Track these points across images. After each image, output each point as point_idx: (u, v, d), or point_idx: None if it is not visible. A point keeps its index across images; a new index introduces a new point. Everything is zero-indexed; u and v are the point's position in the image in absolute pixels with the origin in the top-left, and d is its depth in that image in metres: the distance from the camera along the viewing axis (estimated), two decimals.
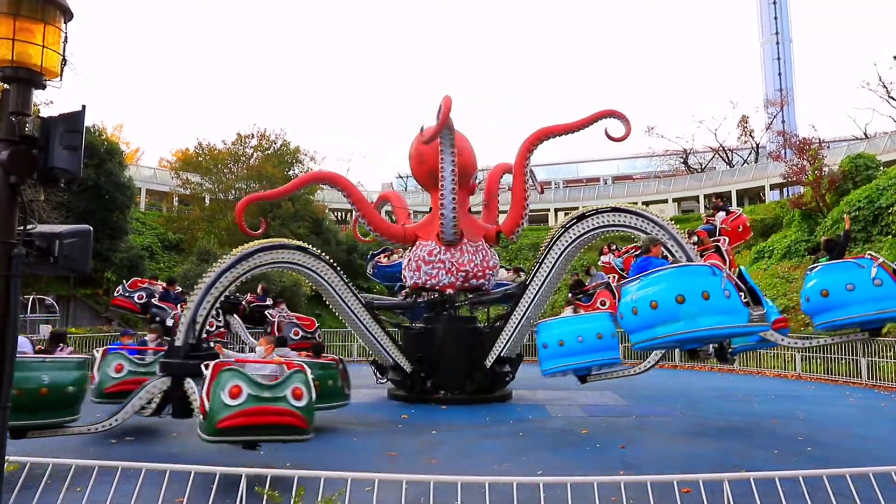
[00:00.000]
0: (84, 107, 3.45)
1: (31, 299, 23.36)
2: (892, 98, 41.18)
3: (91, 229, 3.61)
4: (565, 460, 8.05)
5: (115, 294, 15.92)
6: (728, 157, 54.62)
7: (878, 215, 23.56)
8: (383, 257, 18.66)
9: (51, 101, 23.14)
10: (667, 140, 60.84)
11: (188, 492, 4.75)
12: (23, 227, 3.34)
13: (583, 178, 67.77)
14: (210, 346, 9.63)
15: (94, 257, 22.24)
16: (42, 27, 3.43)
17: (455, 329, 13.72)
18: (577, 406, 12.60)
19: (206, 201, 34.21)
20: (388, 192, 20.98)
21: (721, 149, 53.86)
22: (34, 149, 3.34)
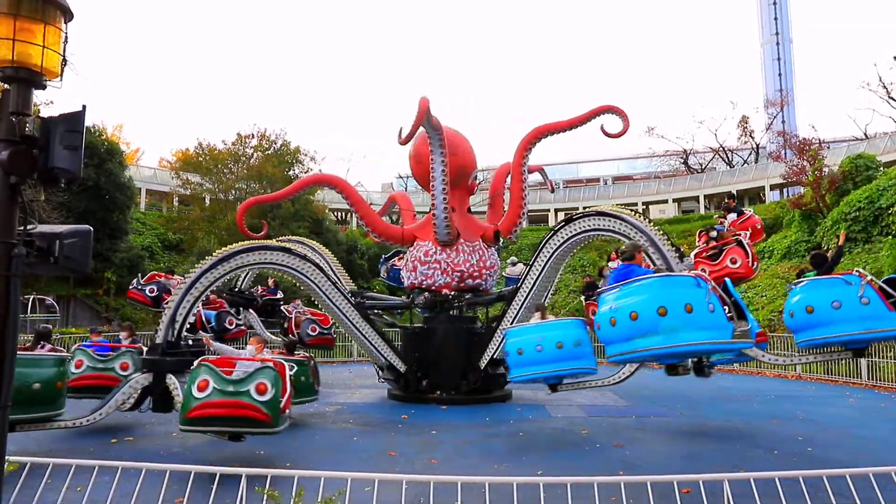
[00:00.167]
0: (84, 107, 3.45)
1: (32, 299, 23.36)
2: (893, 98, 41.19)
3: (91, 229, 3.61)
4: (565, 460, 8.05)
5: (130, 286, 16.32)
6: (728, 158, 54.64)
7: (878, 216, 23.57)
8: (397, 260, 18.76)
9: (51, 102, 23.20)
10: (667, 140, 60.87)
11: (188, 492, 4.75)
12: (23, 227, 3.34)
13: (583, 179, 67.78)
14: (189, 343, 9.91)
15: (95, 257, 22.24)
16: (42, 27, 3.44)
17: (451, 329, 13.73)
18: (577, 406, 12.60)
19: (207, 201, 34.20)
20: (395, 194, 21.02)
21: (721, 149, 53.89)
22: (34, 149, 3.34)
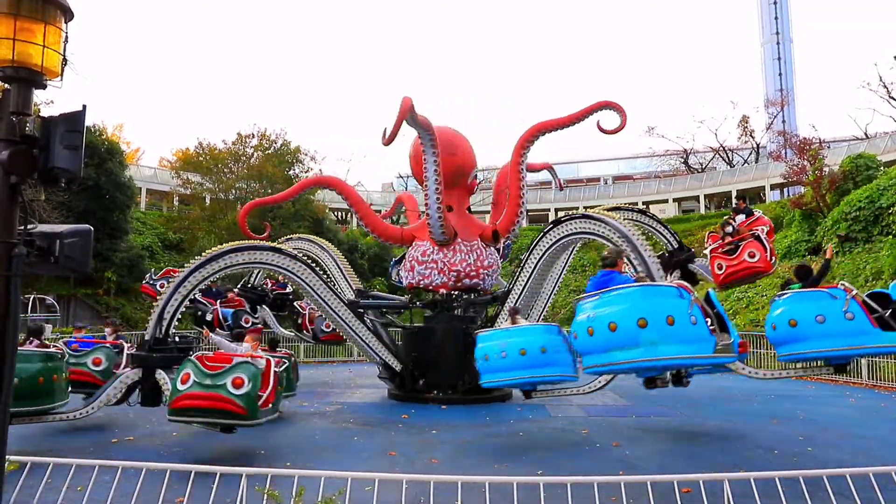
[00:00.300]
0: (84, 106, 3.45)
1: (32, 299, 23.38)
2: (893, 98, 41.17)
3: (91, 229, 3.61)
4: (565, 460, 8.05)
5: (143, 281, 16.57)
6: (728, 157, 54.64)
7: (878, 215, 23.57)
8: None
9: (51, 101, 23.21)
10: (667, 140, 61.04)
11: (188, 491, 4.76)
12: (23, 227, 3.34)
13: (583, 178, 67.76)
14: (176, 340, 10.15)
15: (95, 257, 22.23)
16: (43, 27, 3.44)
17: (449, 329, 13.73)
18: (577, 406, 12.59)
19: (207, 201, 34.23)
20: (402, 194, 21.08)
21: (721, 149, 53.89)
22: (35, 148, 3.34)
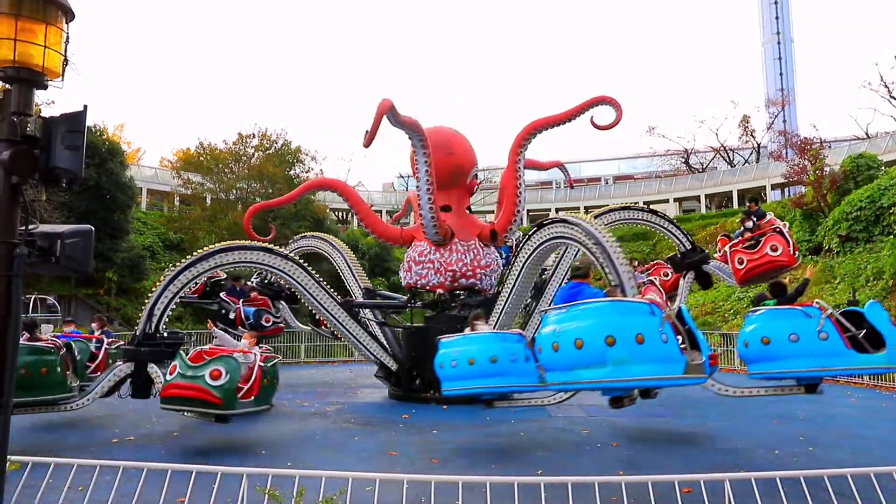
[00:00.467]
0: (85, 107, 3.45)
1: (33, 299, 23.39)
2: (894, 98, 41.15)
3: (92, 229, 3.62)
4: (565, 460, 8.05)
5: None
6: (729, 157, 54.61)
7: (879, 215, 23.56)
8: None
9: (52, 101, 23.18)
10: (668, 140, 60.97)
11: (189, 491, 4.76)
12: (25, 227, 3.35)
13: (584, 178, 67.69)
14: (165, 335, 10.51)
15: (96, 257, 22.18)
16: (44, 27, 3.44)
17: (444, 329, 13.71)
18: (577, 406, 12.58)
19: (208, 201, 34.22)
20: (412, 194, 21.21)
21: (722, 149, 53.86)
22: (36, 149, 3.35)
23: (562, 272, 13.08)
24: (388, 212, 48.68)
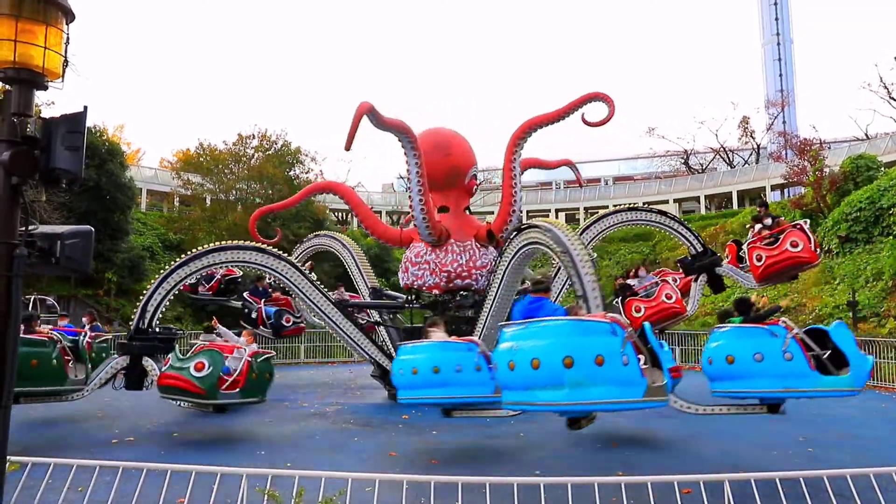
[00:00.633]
0: (85, 107, 3.46)
1: (33, 299, 23.37)
2: (893, 99, 41.16)
3: (92, 230, 3.63)
4: (565, 460, 8.06)
5: None
6: (729, 158, 54.61)
7: (879, 216, 23.58)
8: None
9: (52, 102, 23.18)
10: (668, 141, 60.85)
11: (189, 492, 4.77)
12: (24, 228, 3.35)
13: (584, 179, 67.66)
14: (157, 330, 10.92)
15: (95, 258, 22.19)
16: (44, 28, 3.45)
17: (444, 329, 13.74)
18: None
19: (207, 202, 34.21)
20: None
21: (722, 149, 53.85)
22: (36, 149, 3.35)
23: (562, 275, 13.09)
24: (387, 212, 48.66)
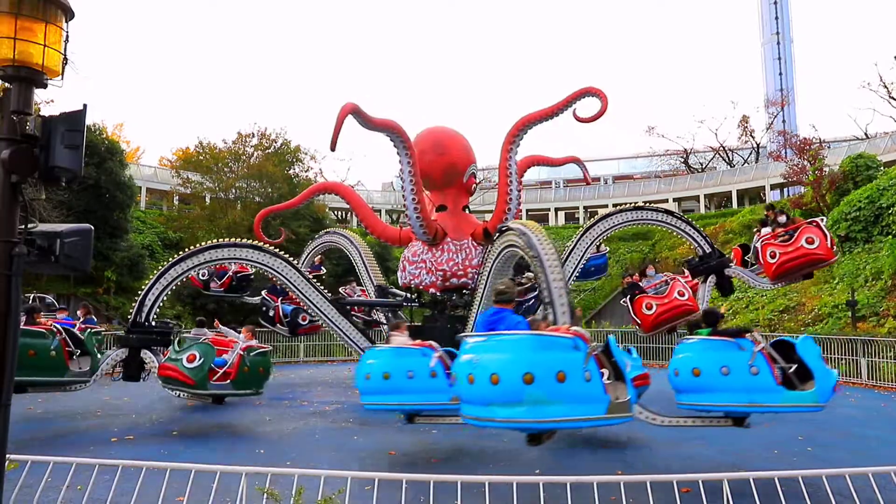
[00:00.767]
0: (85, 106, 3.45)
1: (32, 297, 23.35)
2: (893, 98, 41.17)
3: (92, 228, 3.62)
4: (565, 460, 8.06)
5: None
6: (728, 157, 54.60)
7: (878, 215, 23.59)
8: None
9: (52, 100, 23.14)
10: (667, 140, 60.65)
11: (188, 490, 4.76)
12: (24, 226, 3.35)
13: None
14: (153, 324, 11.31)
15: (95, 256, 22.24)
16: (43, 26, 3.44)
17: (437, 328, 13.72)
18: None
19: (207, 200, 34.21)
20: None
21: (721, 149, 53.84)
22: (35, 148, 3.34)
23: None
24: (387, 211, 48.64)
